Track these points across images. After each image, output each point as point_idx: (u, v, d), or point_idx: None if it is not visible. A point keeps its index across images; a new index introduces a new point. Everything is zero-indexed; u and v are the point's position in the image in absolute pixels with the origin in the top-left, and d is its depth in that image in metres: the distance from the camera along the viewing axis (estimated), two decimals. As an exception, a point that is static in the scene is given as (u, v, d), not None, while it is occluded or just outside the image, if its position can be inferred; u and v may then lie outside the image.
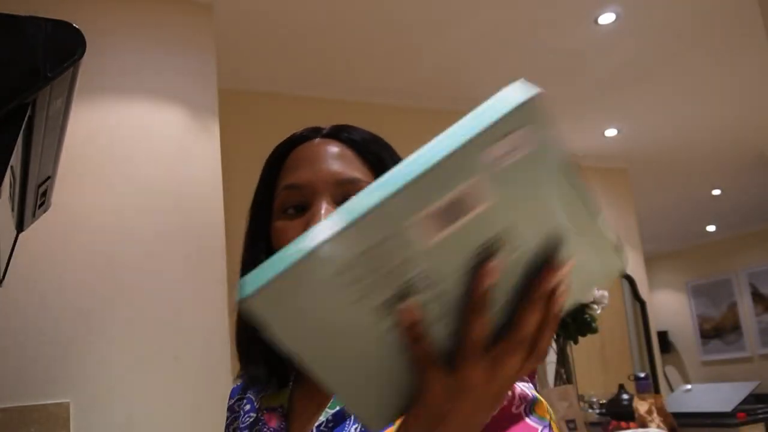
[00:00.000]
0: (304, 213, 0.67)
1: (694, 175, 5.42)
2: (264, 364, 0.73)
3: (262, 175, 0.74)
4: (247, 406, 0.78)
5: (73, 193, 2.05)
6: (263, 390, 0.77)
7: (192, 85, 2.33)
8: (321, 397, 0.69)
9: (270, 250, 0.69)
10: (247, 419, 0.76)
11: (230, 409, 0.81)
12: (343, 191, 0.66)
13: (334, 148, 0.69)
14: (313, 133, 0.72)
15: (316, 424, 0.67)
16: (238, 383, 0.82)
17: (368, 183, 0.61)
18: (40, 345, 1.91)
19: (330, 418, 0.66)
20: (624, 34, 3.09)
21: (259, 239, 0.72)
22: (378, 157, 0.70)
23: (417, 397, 0.44)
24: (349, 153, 0.69)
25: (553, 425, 0.61)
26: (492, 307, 0.42)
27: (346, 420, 0.66)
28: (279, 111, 3.24)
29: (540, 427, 0.59)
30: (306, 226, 0.65)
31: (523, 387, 0.61)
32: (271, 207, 0.71)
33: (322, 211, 0.65)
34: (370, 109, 3.43)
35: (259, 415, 0.75)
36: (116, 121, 2.18)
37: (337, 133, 0.71)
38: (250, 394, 0.79)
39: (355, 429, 0.64)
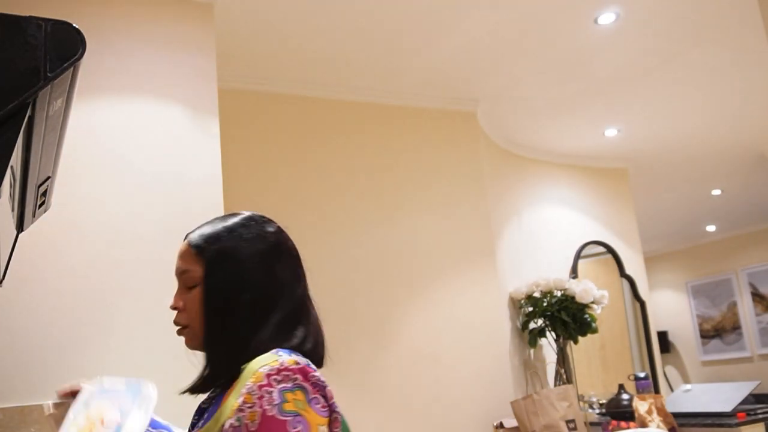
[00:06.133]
0: None
1: (694, 175, 5.42)
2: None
3: None
4: None
5: (73, 193, 2.05)
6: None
7: (192, 85, 2.33)
8: None
9: None
10: None
11: None
12: (182, 280, 1.09)
13: (181, 248, 1.09)
14: (186, 236, 1.09)
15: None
16: None
17: (196, 270, 1.05)
18: (40, 345, 1.91)
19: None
20: (624, 34, 3.09)
21: None
22: (205, 248, 1.04)
23: None
24: (188, 250, 1.07)
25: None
26: None
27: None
28: (279, 111, 3.23)
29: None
30: None
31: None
32: None
33: (173, 300, 1.11)
34: (371, 109, 3.43)
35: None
36: (116, 121, 2.18)
37: (188, 236, 1.09)
38: None
39: None
